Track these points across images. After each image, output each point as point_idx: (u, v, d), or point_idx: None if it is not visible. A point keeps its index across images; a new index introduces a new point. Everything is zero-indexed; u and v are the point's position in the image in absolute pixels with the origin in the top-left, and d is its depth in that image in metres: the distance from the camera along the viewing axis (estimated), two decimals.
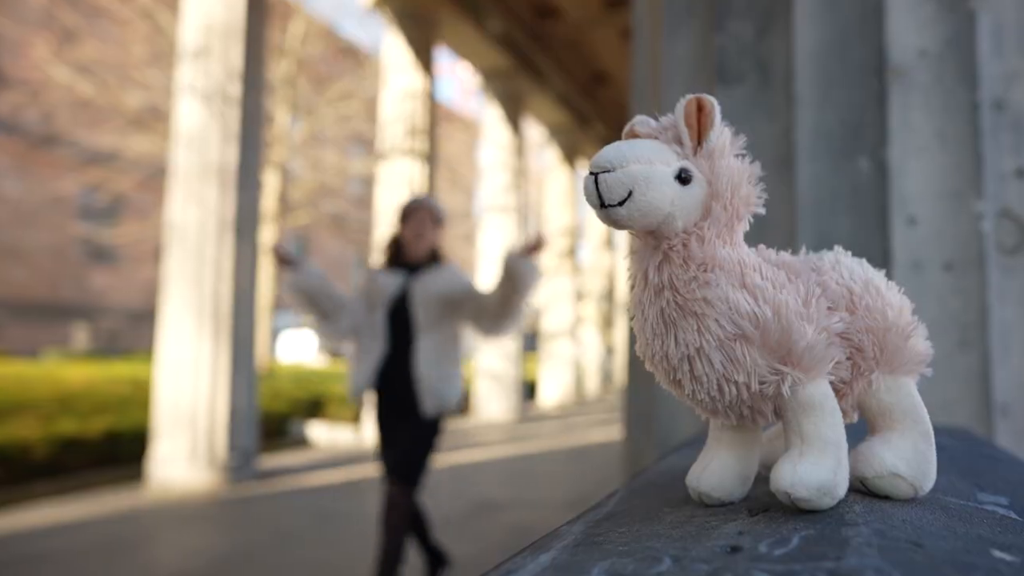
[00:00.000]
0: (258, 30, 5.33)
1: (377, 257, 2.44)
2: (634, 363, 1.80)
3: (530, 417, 9.64)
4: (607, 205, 0.45)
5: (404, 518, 2.23)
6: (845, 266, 0.51)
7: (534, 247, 2.19)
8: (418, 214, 2.37)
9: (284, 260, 2.30)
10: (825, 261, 0.51)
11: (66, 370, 6.54)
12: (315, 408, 7.42)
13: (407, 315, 2.29)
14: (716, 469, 0.50)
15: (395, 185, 7.10)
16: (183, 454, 4.79)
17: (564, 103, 11.04)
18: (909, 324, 0.50)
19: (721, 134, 0.48)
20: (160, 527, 3.90)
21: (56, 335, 12.32)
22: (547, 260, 12.20)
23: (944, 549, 0.36)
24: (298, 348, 13.85)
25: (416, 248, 2.35)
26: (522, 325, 2.36)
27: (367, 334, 2.32)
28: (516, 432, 8.06)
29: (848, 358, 0.49)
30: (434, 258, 2.39)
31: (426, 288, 2.29)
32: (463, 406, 9.45)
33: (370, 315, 2.33)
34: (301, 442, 6.94)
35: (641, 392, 1.71)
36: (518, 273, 2.16)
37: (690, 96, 0.48)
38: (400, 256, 2.39)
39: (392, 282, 2.32)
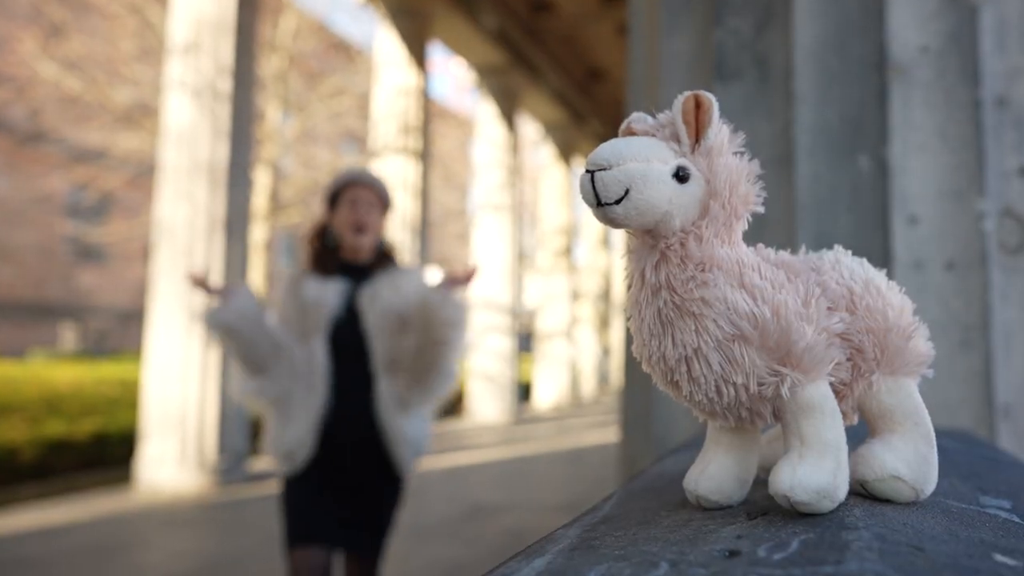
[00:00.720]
0: (249, 25, 5.30)
1: (302, 255, 1.73)
2: (631, 364, 1.78)
3: (525, 419, 9.65)
4: (603, 203, 0.44)
5: None
6: (845, 266, 0.50)
7: (462, 279, 1.64)
8: (356, 194, 1.70)
9: (205, 288, 1.63)
10: (825, 261, 0.51)
11: (53, 371, 6.47)
12: None
13: (358, 339, 1.67)
14: (714, 472, 0.49)
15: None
16: (172, 456, 4.76)
17: (560, 100, 11.05)
18: (910, 325, 0.50)
19: (719, 131, 0.47)
20: (149, 530, 3.87)
21: (43, 335, 12.21)
22: (543, 260, 12.22)
23: (945, 553, 0.35)
24: None
25: (357, 243, 1.70)
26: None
27: (302, 371, 1.65)
28: (511, 434, 8.07)
29: (848, 359, 0.49)
30: (384, 256, 1.78)
31: (379, 299, 1.67)
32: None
33: (302, 343, 1.66)
34: None
35: (638, 393, 1.70)
36: (438, 315, 1.58)
37: (688, 93, 0.47)
38: (335, 254, 1.73)
39: (330, 293, 1.65)
